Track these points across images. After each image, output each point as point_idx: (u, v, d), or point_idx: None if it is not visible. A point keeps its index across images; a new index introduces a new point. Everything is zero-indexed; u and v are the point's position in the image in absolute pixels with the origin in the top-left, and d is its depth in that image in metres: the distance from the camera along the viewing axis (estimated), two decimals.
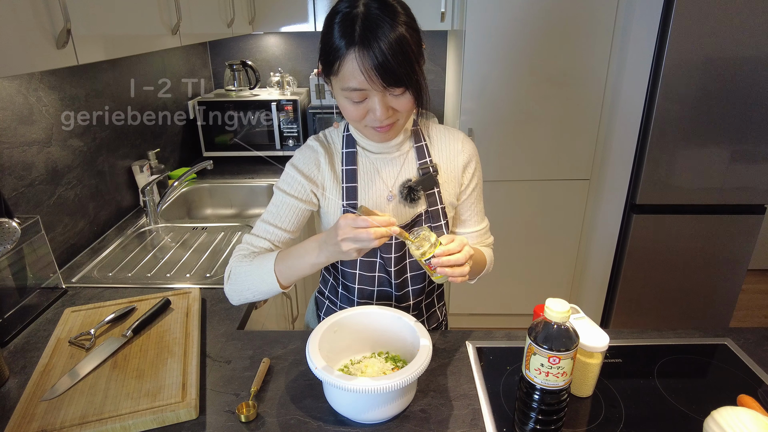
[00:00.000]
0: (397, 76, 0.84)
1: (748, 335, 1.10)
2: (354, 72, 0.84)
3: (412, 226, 1.03)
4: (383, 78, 0.83)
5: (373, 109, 0.88)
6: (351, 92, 0.87)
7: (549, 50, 2.09)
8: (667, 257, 2.31)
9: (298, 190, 1.02)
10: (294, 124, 2.39)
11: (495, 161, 2.29)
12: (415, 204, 1.03)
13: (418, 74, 0.87)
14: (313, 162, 1.03)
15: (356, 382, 0.77)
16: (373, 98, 0.88)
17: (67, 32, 0.97)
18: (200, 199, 2.18)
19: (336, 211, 1.03)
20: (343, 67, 0.85)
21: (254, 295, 0.99)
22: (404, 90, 0.87)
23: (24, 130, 1.34)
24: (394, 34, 0.82)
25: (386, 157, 1.03)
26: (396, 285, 1.06)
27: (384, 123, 0.91)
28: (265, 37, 2.71)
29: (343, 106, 0.92)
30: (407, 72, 0.85)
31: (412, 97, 0.89)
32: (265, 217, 1.04)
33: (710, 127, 2.08)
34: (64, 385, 0.95)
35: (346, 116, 0.94)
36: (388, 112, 0.89)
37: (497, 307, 2.64)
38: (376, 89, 0.86)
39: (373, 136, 0.97)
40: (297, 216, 1.03)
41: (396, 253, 1.03)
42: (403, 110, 0.91)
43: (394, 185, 1.04)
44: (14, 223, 1.10)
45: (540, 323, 0.76)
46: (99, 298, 1.30)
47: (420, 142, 1.05)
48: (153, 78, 2.07)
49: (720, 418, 0.74)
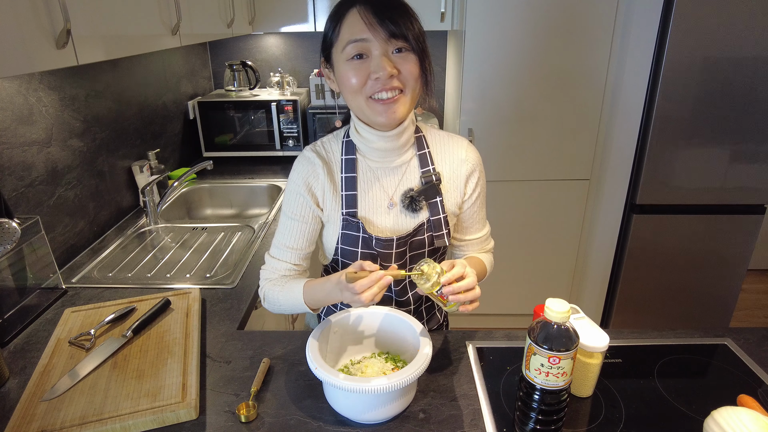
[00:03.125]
0: (399, 26, 0.84)
1: (748, 335, 1.10)
2: (355, 23, 0.85)
3: (414, 236, 1.01)
4: (384, 24, 0.84)
5: (376, 65, 0.86)
6: (352, 46, 0.86)
7: (549, 50, 2.09)
8: (667, 257, 2.31)
9: (303, 211, 1.01)
10: (294, 125, 2.39)
11: (495, 161, 2.29)
12: (417, 213, 1.01)
13: (421, 40, 0.88)
14: (311, 174, 1.00)
15: (356, 382, 0.77)
16: (374, 53, 0.87)
17: (67, 32, 0.97)
18: (200, 200, 2.18)
19: (336, 220, 1.01)
20: (344, 24, 0.86)
21: (291, 313, 1.04)
22: (408, 48, 0.87)
23: (24, 131, 1.34)
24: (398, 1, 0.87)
25: (388, 167, 1.01)
26: (396, 291, 1.06)
27: (388, 84, 0.87)
28: (265, 37, 2.71)
29: (344, 76, 0.90)
30: (409, 27, 0.85)
31: (416, 62, 0.89)
32: (279, 239, 1.04)
33: (710, 127, 2.08)
34: (64, 385, 0.95)
35: (348, 88, 0.90)
36: (392, 69, 0.86)
37: (497, 307, 2.64)
38: (377, 38, 0.85)
39: (376, 114, 0.91)
40: (308, 235, 1.03)
41: (396, 262, 1.02)
42: (408, 75, 0.89)
43: (395, 194, 1.01)
44: (14, 224, 1.10)
45: (540, 323, 0.76)
46: (99, 298, 1.30)
47: (423, 150, 1.02)
48: (153, 78, 2.07)
49: (720, 418, 0.74)
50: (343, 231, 1.00)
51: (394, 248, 1.00)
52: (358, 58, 0.87)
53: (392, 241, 0.99)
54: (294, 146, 2.42)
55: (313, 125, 2.48)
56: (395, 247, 1.00)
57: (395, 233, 1.01)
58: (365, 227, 0.99)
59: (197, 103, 2.35)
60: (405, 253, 1.02)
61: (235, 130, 2.43)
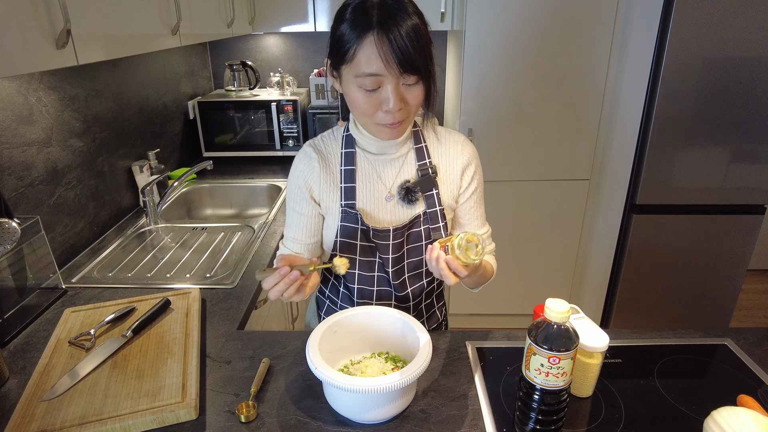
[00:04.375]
0: (414, 62, 0.84)
1: (748, 335, 1.10)
2: (371, 56, 0.83)
3: (411, 228, 1.03)
4: (400, 62, 0.83)
5: (387, 98, 0.87)
6: (365, 79, 0.86)
7: (549, 50, 2.09)
8: (667, 257, 2.31)
9: (303, 204, 1.04)
10: (294, 125, 2.39)
11: (495, 161, 2.29)
12: (414, 205, 1.03)
13: (430, 66, 0.88)
14: (309, 169, 1.03)
15: (356, 382, 0.77)
16: (386, 86, 0.86)
17: (67, 32, 0.97)
18: (200, 200, 2.18)
19: (335, 212, 1.03)
20: (360, 51, 0.84)
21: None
22: (418, 80, 0.87)
23: (24, 131, 1.34)
24: (411, 21, 0.84)
25: (385, 159, 1.03)
26: (396, 285, 1.06)
27: (396, 116, 0.90)
28: (265, 37, 2.71)
29: (353, 98, 0.90)
30: (423, 60, 0.85)
31: (423, 90, 0.89)
32: (287, 231, 1.10)
33: (710, 127, 2.08)
34: (63, 385, 0.95)
35: (357, 109, 0.92)
36: (400, 104, 0.88)
37: (497, 307, 2.64)
38: (392, 74, 0.85)
39: (381, 133, 0.95)
40: (312, 226, 1.06)
41: (394, 254, 1.03)
42: (414, 103, 0.90)
43: (392, 186, 1.03)
44: (14, 224, 1.10)
45: (540, 323, 0.76)
46: (99, 298, 1.30)
47: (420, 144, 1.04)
48: (153, 78, 2.07)
49: (720, 418, 0.74)
50: (342, 223, 1.03)
51: (391, 239, 1.02)
52: (371, 88, 0.88)
53: (389, 232, 1.01)
54: (294, 146, 2.42)
55: (313, 125, 2.48)
56: (392, 238, 1.02)
57: (392, 224, 1.03)
58: (363, 218, 1.01)
59: (197, 103, 2.35)
60: (402, 245, 1.04)
61: (235, 130, 2.43)
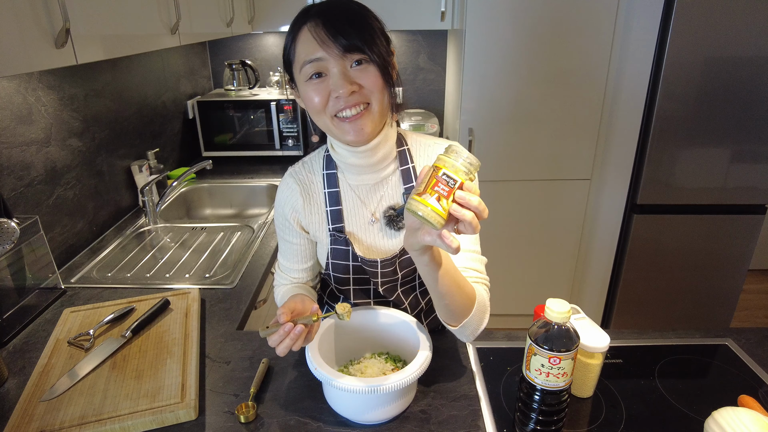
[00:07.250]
0: (353, 39, 0.79)
1: (749, 335, 1.09)
2: (307, 42, 0.81)
3: (401, 257, 0.97)
4: (336, 40, 0.79)
5: (334, 83, 0.81)
6: (308, 66, 0.82)
7: (549, 50, 2.09)
8: (668, 257, 2.31)
9: (292, 234, 1.02)
10: (293, 124, 2.38)
11: (495, 161, 2.28)
12: (399, 233, 0.97)
13: (379, 45, 0.82)
14: (293, 199, 0.99)
15: (356, 382, 0.77)
16: (332, 71, 0.81)
17: (66, 32, 0.97)
18: (199, 199, 2.18)
19: (325, 238, 0.99)
20: (298, 43, 0.83)
21: None
22: (366, 59, 0.82)
23: (23, 130, 1.34)
24: (351, 5, 0.83)
25: (366, 185, 0.97)
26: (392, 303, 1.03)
27: (350, 101, 0.83)
28: (264, 36, 2.71)
29: (307, 98, 0.86)
30: (364, 37, 0.80)
31: (378, 72, 0.83)
32: (281, 259, 1.08)
33: (710, 127, 2.07)
34: (63, 385, 0.95)
35: (311, 108, 0.87)
36: (351, 86, 0.81)
37: (497, 308, 2.63)
38: (332, 54, 0.80)
39: (345, 134, 0.86)
40: (305, 252, 1.04)
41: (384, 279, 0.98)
42: (370, 86, 0.83)
43: (376, 209, 0.97)
44: (13, 223, 1.09)
45: (540, 324, 0.76)
46: (98, 298, 1.30)
47: (407, 165, 0.96)
48: (152, 77, 2.07)
49: (721, 418, 0.74)
50: (332, 246, 0.99)
51: (380, 268, 0.97)
52: (316, 77, 0.83)
53: (377, 263, 0.96)
54: (294, 146, 2.42)
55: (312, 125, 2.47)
56: (380, 267, 0.97)
57: (380, 254, 0.98)
58: (353, 245, 0.97)
59: (196, 102, 2.35)
60: (396, 271, 0.99)
61: (234, 130, 2.42)
